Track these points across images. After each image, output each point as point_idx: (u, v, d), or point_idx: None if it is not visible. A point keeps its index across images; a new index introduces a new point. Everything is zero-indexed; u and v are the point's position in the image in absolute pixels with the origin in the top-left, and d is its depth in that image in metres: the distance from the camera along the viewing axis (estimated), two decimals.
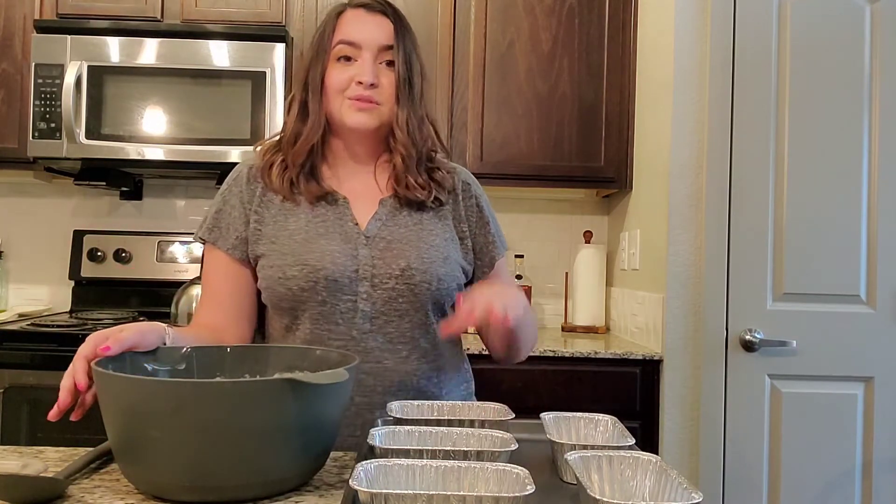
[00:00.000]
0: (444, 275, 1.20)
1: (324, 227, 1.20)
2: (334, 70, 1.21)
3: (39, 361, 2.12)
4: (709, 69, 2.12)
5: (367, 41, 1.20)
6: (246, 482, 0.78)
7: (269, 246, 1.20)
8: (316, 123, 1.22)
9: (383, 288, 1.18)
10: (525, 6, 2.51)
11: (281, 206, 1.23)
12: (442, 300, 1.23)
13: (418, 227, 1.23)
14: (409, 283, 1.18)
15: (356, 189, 1.25)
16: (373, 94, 1.19)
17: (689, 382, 2.13)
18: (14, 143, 2.43)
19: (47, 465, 0.90)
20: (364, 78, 1.18)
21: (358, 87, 1.19)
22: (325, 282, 1.16)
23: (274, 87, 2.37)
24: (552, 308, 2.86)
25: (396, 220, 1.23)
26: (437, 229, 1.24)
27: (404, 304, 1.19)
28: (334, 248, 1.18)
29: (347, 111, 1.20)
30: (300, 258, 1.17)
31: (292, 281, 1.16)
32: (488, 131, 2.50)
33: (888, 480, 2.09)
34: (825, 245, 2.10)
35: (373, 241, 1.20)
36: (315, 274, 1.16)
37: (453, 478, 0.75)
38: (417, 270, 1.18)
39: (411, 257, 1.19)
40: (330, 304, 1.17)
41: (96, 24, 2.39)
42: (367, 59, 1.20)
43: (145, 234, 2.74)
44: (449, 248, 1.24)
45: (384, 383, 1.19)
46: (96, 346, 0.91)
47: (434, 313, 1.23)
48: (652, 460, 0.78)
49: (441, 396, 1.24)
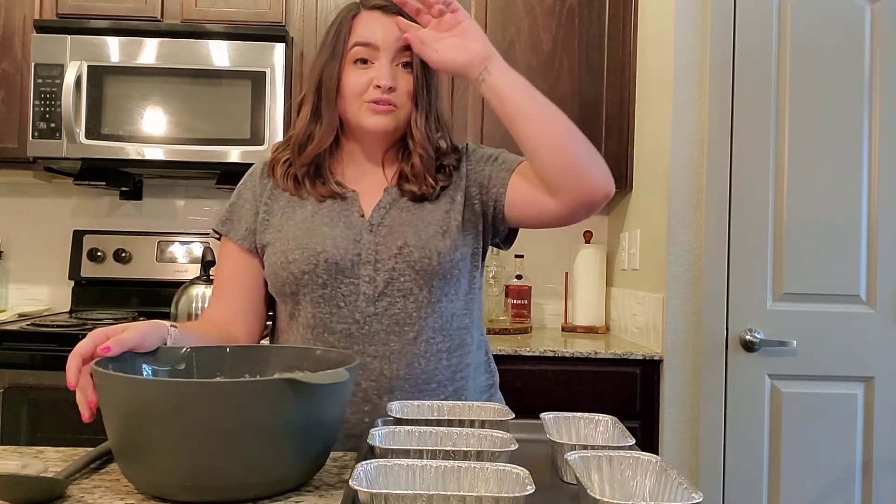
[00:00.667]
0: (444, 249, 1.19)
1: (329, 216, 1.22)
2: (352, 73, 1.20)
3: (39, 361, 2.12)
4: (709, 69, 2.12)
5: (385, 43, 1.19)
6: (246, 482, 0.78)
7: (275, 234, 1.22)
8: (329, 127, 1.22)
9: (385, 269, 1.18)
10: (525, 6, 2.51)
11: (290, 198, 1.25)
12: (446, 276, 1.20)
13: (419, 207, 1.23)
14: (407, 260, 1.18)
15: (365, 185, 1.25)
16: (391, 96, 1.19)
17: (689, 382, 2.13)
18: (14, 143, 2.44)
19: (47, 465, 0.90)
20: (382, 81, 1.18)
21: (376, 91, 1.18)
22: (326, 264, 1.17)
23: (274, 87, 2.37)
24: (552, 308, 2.86)
25: (399, 204, 1.23)
26: (437, 207, 1.23)
27: (407, 284, 1.18)
28: (337, 234, 1.19)
29: (365, 115, 1.20)
30: (302, 243, 1.19)
31: (293, 265, 1.18)
32: (488, 131, 2.50)
33: (888, 480, 2.09)
34: (825, 245, 2.10)
35: (377, 228, 1.21)
36: (315, 257, 1.17)
37: (453, 478, 0.75)
38: (415, 247, 1.18)
39: (408, 235, 1.19)
40: (331, 286, 1.18)
41: (96, 24, 2.39)
42: (384, 62, 1.19)
43: (145, 234, 2.74)
44: (450, 221, 1.21)
45: (391, 367, 1.18)
46: (95, 345, 0.91)
47: (440, 291, 1.21)
48: (652, 460, 0.78)
49: (456, 382, 1.22)
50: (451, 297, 1.23)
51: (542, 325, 2.85)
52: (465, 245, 1.23)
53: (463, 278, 1.24)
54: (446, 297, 1.22)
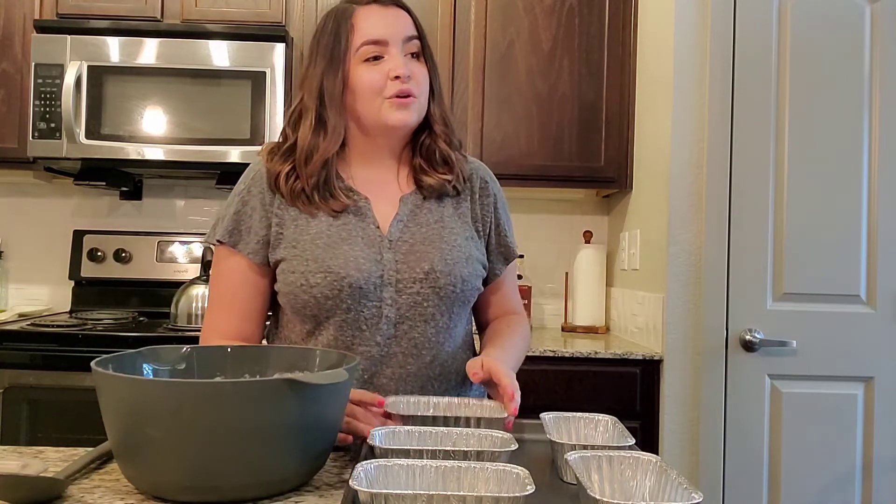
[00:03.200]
0: (467, 275, 1.19)
1: (346, 230, 1.17)
2: (365, 72, 1.17)
3: (39, 361, 2.12)
4: (709, 69, 2.12)
5: (393, 35, 1.18)
6: (246, 482, 0.78)
7: (291, 250, 1.16)
8: (335, 133, 1.18)
9: (408, 293, 1.16)
10: (525, 6, 2.51)
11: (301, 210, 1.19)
12: (466, 301, 1.21)
13: (439, 225, 1.21)
14: (434, 286, 1.16)
15: (377, 187, 1.22)
16: (411, 86, 1.17)
17: (689, 382, 2.13)
18: (14, 143, 2.44)
19: (47, 465, 0.90)
20: (401, 71, 1.16)
21: (396, 83, 1.16)
22: (350, 290, 1.13)
23: (274, 87, 2.37)
24: (552, 308, 2.86)
25: (418, 219, 1.21)
26: (457, 227, 1.22)
27: (430, 309, 1.17)
28: (358, 254, 1.15)
29: (388, 111, 1.17)
30: (323, 265, 1.14)
31: (316, 289, 1.13)
32: (488, 131, 2.50)
33: (888, 480, 2.09)
34: (825, 245, 2.10)
35: (396, 244, 1.18)
36: (340, 282, 1.13)
37: (453, 478, 0.75)
38: (442, 273, 1.16)
39: (435, 259, 1.17)
40: (355, 311, 1.15)
41: (96, 24, 2.39)
42: (395, 53, 1.17)
43: (145, 234, 2.74)
44: (471, 247, 1.22)
45: (406, 389, 1.18)
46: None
47: (458, 317, 1.22)
48: (652, 460, 0.78)
49: None
50: (465, 321, 1.26)
51: (542, 325, 2.85)
52: (482, 272, 1.25)
53: (474, 300, 1.25)
54: (461, 322, 1.24)
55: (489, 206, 1.28)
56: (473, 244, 1.23)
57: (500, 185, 1.33)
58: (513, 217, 1.37)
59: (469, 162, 1.29)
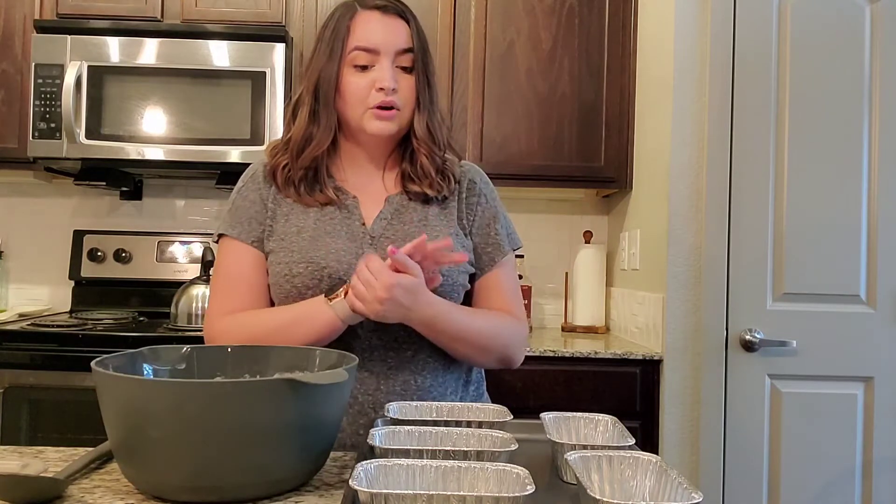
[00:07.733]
0: (448, 270, 1.20)
1: (331, 225, 1.21)
2: (352, 78, 1.19)
3: (39, 361, 2.12)
4: (709, 69, 2.12)
5: (385, 46, 1.19)
6: (246, 482, 0.78)
7: (279, 243, 1.21)
8: (327, 128, 1.21)
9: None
10: (525, 6, 2.51)
11: (292, 204, 1.23)
12: (447, 296, 1.21)
13: (423, 224, 1.23)
14: None
15: (365, 187, 1.25)
16: (394, 98, 1.19)
17: (689, 382, 2.13)
18: (14, 143, 2.44)
19: (47, 465, 0.90)
20: (385, 83, 1.17)
21: (379, 94, 1.18)
22: (330, 280, 1.17)
23: (274, 87, 2.37)
24: (552, 308, 2.86)
25: (402, 217, 1.23)
26: (441, 225, 1.24)
27: None
28: (340, 247, 1.19)
29: (369, 120, 1.20)
30: (306, 256, 1.18)
31: (297, 278, 1.17)
32: (488, 131, 2.50)
33: (888, 480, 2.09)
34: (825, 245, 2.10)
35: (378, 240, 1.21)
36: (320, 272, 1.17)
37: (453, 478, 0.75)
38: None
39: None
40: None
41: (96, 24, 2.39)
42: (385, 64, 1.18)
43: (145, 234, 2.74)
44: (454, 243, 1.22)
45: (388, 382, 1.19)
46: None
47: None
48: (652, 460, 0.78)
49: (447, 397, 1.23)
50: None
51: (542, 325, 2.85)
52: (465, 269, 1.25)
53: (460, 299, 1.25)
54: None
55: (474, 204, 1.28)
56: (458, 241, 1.24)
57: (493, 186, 1.34)
58: (513, 217, 1.37)
59: (461, 165, 1.31)
